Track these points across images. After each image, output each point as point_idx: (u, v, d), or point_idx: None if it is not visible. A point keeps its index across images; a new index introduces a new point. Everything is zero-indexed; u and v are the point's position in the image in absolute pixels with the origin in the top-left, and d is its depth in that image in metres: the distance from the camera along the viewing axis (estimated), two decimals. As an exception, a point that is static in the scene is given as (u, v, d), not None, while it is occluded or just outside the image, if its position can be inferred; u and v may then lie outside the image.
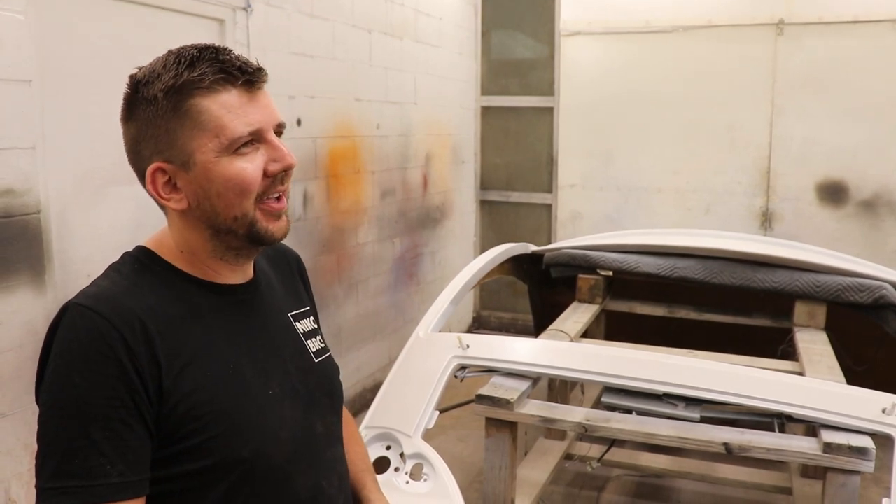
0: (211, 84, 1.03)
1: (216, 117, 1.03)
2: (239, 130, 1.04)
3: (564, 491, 3.63)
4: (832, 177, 5.25)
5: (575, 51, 5.80)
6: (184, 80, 1.03)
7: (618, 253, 3.86)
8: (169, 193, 1.08)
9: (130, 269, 1.10)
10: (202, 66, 1.03)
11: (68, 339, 0.99)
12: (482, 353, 2.74)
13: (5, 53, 2.27)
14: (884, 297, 3.36)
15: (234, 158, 1.05)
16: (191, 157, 1.05)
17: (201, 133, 1.04)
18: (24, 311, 2.35)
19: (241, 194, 1.06)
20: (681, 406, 2.53)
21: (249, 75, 1.05)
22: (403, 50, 4.84)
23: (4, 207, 2.28)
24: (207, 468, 1.03)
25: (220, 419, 1.04)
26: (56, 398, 0.98)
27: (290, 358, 1.20)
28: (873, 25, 5.02)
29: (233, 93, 1.05)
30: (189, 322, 1.07)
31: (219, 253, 1.11)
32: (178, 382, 1.02)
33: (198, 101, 1.03)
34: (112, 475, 0.96)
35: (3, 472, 2.33)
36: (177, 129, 1.04)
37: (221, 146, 1.04)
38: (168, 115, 1.04)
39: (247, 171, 1.05)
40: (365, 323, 4.60)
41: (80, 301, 1.02)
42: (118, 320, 0.99)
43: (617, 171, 5.79)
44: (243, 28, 3.31)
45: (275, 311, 1.22)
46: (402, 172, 4.94)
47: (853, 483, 2.25)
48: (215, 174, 1.05)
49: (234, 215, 1.07)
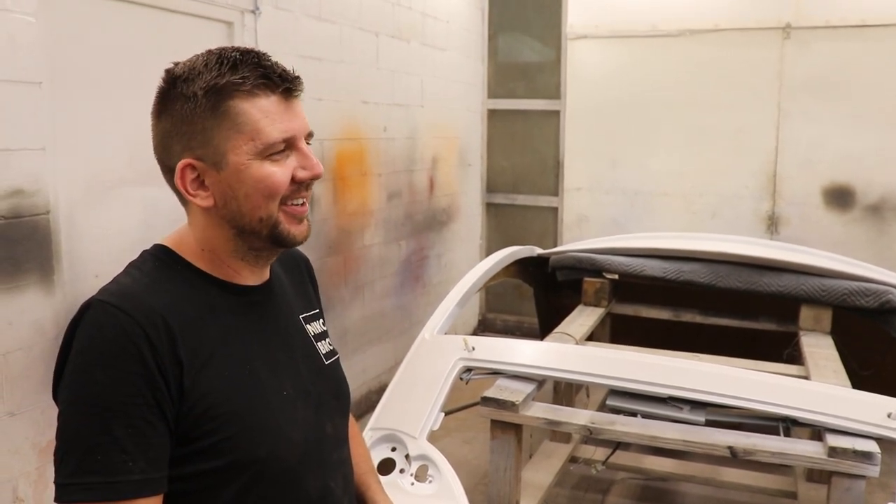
0: (252, 88, 1.05)
1: (254, 121, 1.05)
2: (274, 136, 1.06)
3: (569, 494, 3.64)
4: (839, 181, 5.24)
5: (581, 54, 5.81)
6: (226, 81, 1.05)
7: (623, 256, 3.86)
8: (196, 190, 1.09)
9: (151, 266, 1.11)
10: (244, 69, 1.05)
11: (91, 336, 1.00)
12: (488, 356, 2.74)
13: (16, 55, 2.28)
14: (890, 301, 3.35)
15: (266, 163, 1.07)
16: (224, 157, 1.07)
17: (237, 135, 1.06)
18: (32, 311, 2.37)
19: (269, 197, 1.08)
20: (686, 409, 2.54)
21: (289, 83, 1.08)
22: (410, 53, 4.85)
23: (14, 208, 2.29)
24: (221, 468, 1.04)
25: (236, 419, 1.05)
26: (78, 394, 0.98)
27: (301, 359, 1.21)
28: (881, 30, 5.02)
29: (272, 99, 1.06)
30: (207, 321, 1.08)
31: (240, 253, 1.13)
32: (197, 381, 1.03)
33: (237, 103, 1.05)
34: (134, 472, 0.96)
35: (11, 470, 2.34)
36: (213, 128, 1.06)
37: (256, 150, 1.06)
38: (206, 113, 1.06)
39: (276, 176, 1.07)
40: (371, 325, 4.61)
41: (104, 298, 1.03)
42: (142, 317, 1.00)
43: (623, 175, 5.79)
44: (251, 30, 3.33)
45: (287, 313, 1.23)
46: (409, 175, 4.95)
47: (858, 487, 2.25)
48: (246, 176, 1.07)
49: (260, 216, 1.08)
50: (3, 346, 2.29)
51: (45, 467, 2.44)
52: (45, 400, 2.41)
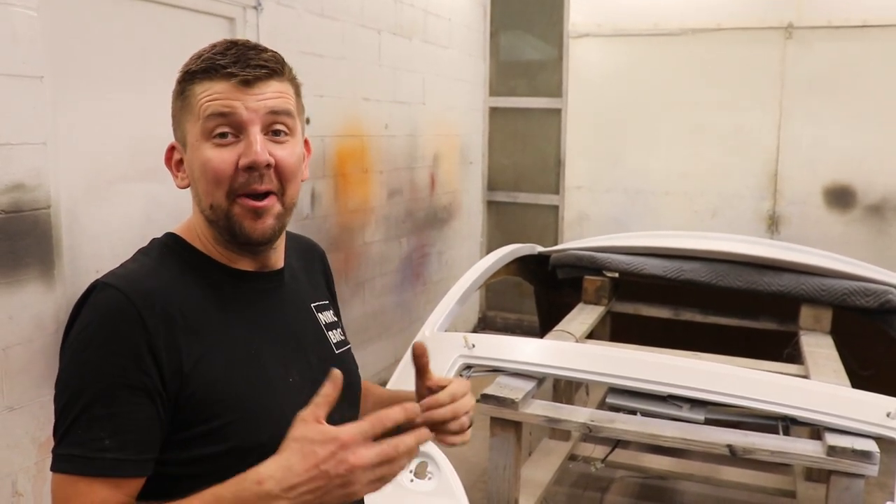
0: (211, 73, 1.07)
1: (199, 101, 1.07)
2: (208, 112, 1.06)
3: (568, 491, 3.64)
4: (840, 181, 5.24)
5: (583, 53, 5.80)
6: (189, 69, 1.09)
7: (624, 255, 3.86)
8: (178, 170, 1.14)
9: (158, 252, 1.12)
10: (214, 56, 1.07)
11: (90, 316, 1.02)
12: (488, 353, 2.75)
13: (18, 50, 2.28)
14: (890, 301, 3.35)
15: (209, 146, 1.07)
16: (185, 138, 1.10)
17: (190, 115, 1.08)
18: (33, 305, 2.37)
19: (212, 183, 1.07)
20: (685, 407, 2.54)
21: (239, 73, 1.06)
22: (412, 50, 4.85)
23: (15, 202, 2.30)
24: (223, 453, 1.04)
25: (238, 405, 1.05)
26: (70, 371, 1.01)
27: (311, 348, 1.21)
28: (882, 30, 5.01)
29: (228, 83, 1.07)
30: (211, 307, 1.09)
31: (221, 240, 1.12)
32: (198, 366, 1.03)
33: (193, 86, 1.08)
34: (108, 450, 0.97)
35: (11, 465, 2.34)
36: (180, 109, 1.11)
37: (200, 130, 1.07)
38: (177, 97, 1.11)
39: (214, 161, 1.06)
40: (371, 322, 4.61)
41: (107, 280, 1.05)
42: (139, 300, 1.01)
43: (624, 174, 5.79)
44: (253, 27, 3.32)
45: (298, 302, 1.24)
46: (410, 172, 4.95)
47: (857, 486, 2.25)
48: (194, 158, 1.09)
49: (210, 203, 1.09)
50: (4, 341, 2.29)
51: (45, 462, 2.44)
52: (44, 395, 2.41)
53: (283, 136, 1.10)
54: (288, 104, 1.10)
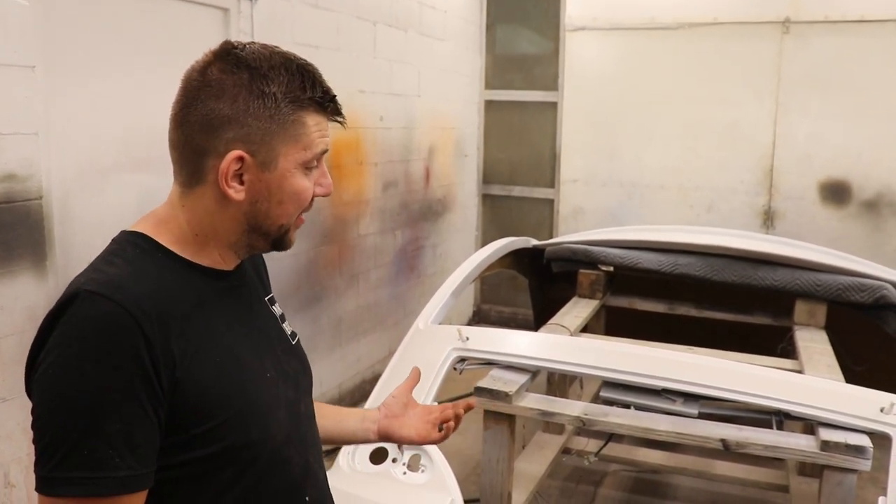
0: (319, 105, 1.10)
1: (310, 133, 1.10)
2: (321, 148, 1.12)
3: (561, 485, 3.64)
4: (835, 176, 5.25)
5: (580, 46, 5.79)
6: (307, 96, 1.09)
7: (619, 249, 3.86)
8: (232, 182, 1.07)
9: (132, 254, 1.08)
10: (318, 88, 1.10)
11: (81, 328, 0.96)
12: (481, 346, 2.74)
13: (9, 39, 2.27)
14: (884, 297, 3.36)
15: (305, 175, 1.12)
16: (275, 161, 1.08)
17: (294, 143, 1.09)
18: (25, 296, 2.36)
19: (298, 208, 1.14)
20: (679, 402, 2.54)
21: (339, 113, 1.14)
22: (408, 42, 4.83)
23: (6, 193, 2.28)
24: (216, 454, 1.03)
25: (228, 405, 1.05)
26: (65, 387, 0.95)
27: (276, 341, 1.23)
28: (879, 25, 5.01)
29: (326, 118, 1.13)
30: (194, 309, 1.07)
31: (237, 245, 1.14)
32: (190, 371, 1.02)
33: (305, 115, 1.09)
34: (121, 468, 0.94)
35: (3, 456, 2.34)
36: (277, 132, 1.07)
37: (303, 160, 1.10)
38: (277, 116, 1.07)
39: (309, 191, 1.14)
40: (365, 315, 4.60)
41: (92, 288, 0.99)
42: (135, 308, 0.98)
43: (620, 168, 5.78)
44: (247, 17, 3.30)
45: (257, 297, 1.25)
46: (405, 165, 4.94)
47: (850, 481, 2.26)
48: (287, 184, 1.10)
49: (282, 223, 1.13)
50: (-5, 332, 2.28)
51: (37, 453, 2.44)
52: (36, 386, 2.40)
53: None
54: None
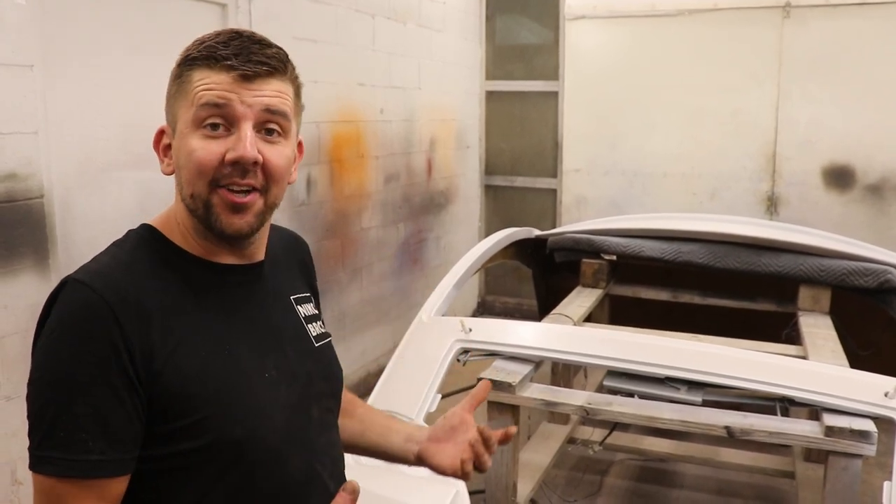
0: (212, 62, 1.05)
1: (195, 88, 1.05)
2: (203, 101, 1.04)
3: (567, 475, 3.65)
4: (838, 161, 5.22)
5: (580, 35, 5.77)
6: (189, 54, 1.07)
7: (622, 237, 3.85)
8: (165, 155, 1.12)
9: (131, 245, 1.10)
10: (216, 45, 1.05)
11: (61, 313, 1.00)
12: (485, 337, 2.74)
13: (7, 38, 2.26)
14: (889, 281, 3.34)
15: (199, 135, 1.05)
16: (176, 124, 1.08)
17: (184, 100, 1.06)
18: (27, 294, 2.36)
19: (195, 172, 1.05)
20: (683, 389, 2.54)
21: (240, 67, 1.04)
22: (407, 34, 4.82)
23: (8, 192, 2.29)
24: (200, 448, 1.03)
25: (213, 400, 1.03)
26: (45, 370, 0.99)
27: (289, 341, 1.19)
28: (881, 7, 4.98)
29: (222, 73, 1.05)
30: (187, 300, 1.07)
31: (199, 232, 1.10)
32: (171, 361, 1.01)
33: (192, 72, 1.06)
34: (93, 451, 0.96)
35: (10, 453, 2.34)
36: (175, 94, 1.08)
37: (192, 117, 1.05)
38: (174, 80, 1.09)
39: (200, 151, 1.04)
40: (369, 308, 4.61)
41: (77, 276, 1.03)
42: (112, 296, 1.00)
43: (622, 156, 5.77)
44: (245, 12, 3.30)
45: (277, 295, 1.22)
46: (406, 157, 4.94)
47: (855, 466, 2.25)
48: (182, 145, 1.06)
49: (191, 192, 1.06)
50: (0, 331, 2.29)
51: (43, 451, 2.45)
52: (41, 384, 2.41)
53: (276, 136, 1.08)
54: (285, 105, 1.08)
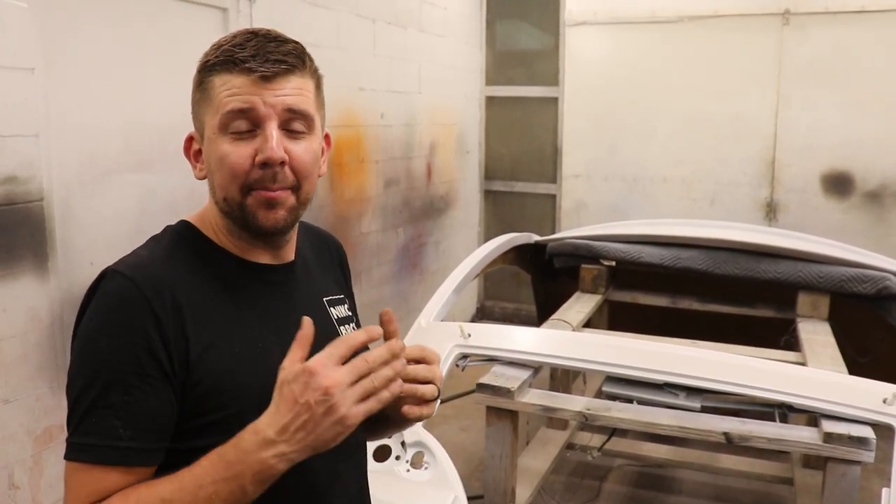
0: (230, 66, 1.06)
1: (219, 94, 1.07)
2: (228, 108, 1.05)
3: (566, 480, 3.64)
4: (837, 168, 5.23)
5: (580, 41, 5.78)
6: (208, 60, 1.08)
7: (621, 243, 3.86)
8: (196, 161, 1.14)
9: (169, 240, 1.13)
10: (233, 48, 1.06)
11: (100, 304, 1.03)
12: (484, 342, 2.74)
13: (9, 41, 2.27)
14: (887, 287, 3.35)
15: (227, 141, 1.06)
16: (203, 130, 1.10)
17: (209, 108, 1.08)
18: (27, 298, 2.36)
19: (227, 177, 1.07)
20: (682, 395, 2.54)
21: (257, 68, 1.05)
22: (408, 39, 4.83)
23: (7, 195, 2.28)
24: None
25: (244, 396, 1.05)
26: (83, 358, 1.02)
27: (319, 342, 1.20)
28: (880, 15, 4.99)
29: (247, 78, 1.06)
30: (221, 297, 1.09)
31: (234, 231, 1.13)
32: (205, 356, 1.03)
33: (213, 77, 1.08)
34: (123, 439, 0.98)
35: (7, 457, 2.34)
36: (199, 102, 1.10)
37: (218, 123, 1.07)
38: (196, 87, 1.11)
39: (231, 156, 1.06)
40: (368, 312, 4.55)
41: (117, 268, 1.05)
42: (149, 288, 1.02)
43: (622, 162, 5.78)
44: (246, 17, 3.30)
45: (309, 295, 1.23)
46: (407, 162, 4.94)
47: (853, 473, 2.25)
48: (212, 150, 1.08)
49: (224, 196, 1.09)
50: (-2, 333, 2.28)
51: (41, 454, 2.44)
52: (40, 387, 2.41)
53: (301, 132, 1.10)
54: (306, 102, 1.10)
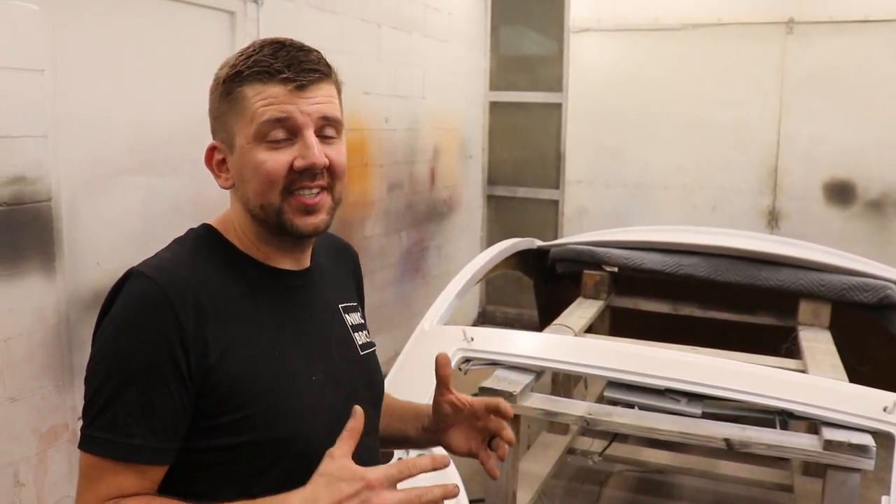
0: (260, 76, 1.08)
1: (253, 105, 1.08)
2: (265, 117, 1.08)
3: (566, 485, 3.65)
4: (839, 176, 5.25)
5: (584, 47, 5.80)
6: (237, 70, 1.09)
7: (623, 249, 3.87)
8: (220, 171, 1.15)
9: (192, 243, 1.15)
10: (262, 58, 1.08)
11: (123, 303, 1.05)
12: (486, 346, 2.75)
13: (19, 43, 2.29)
14: (888, 296, 3.36)
15: (263, 149, 1.09)
16: (233, 141, 1.11)
17: (240, 118, 1.09)
18: (34, 297, 2.37)
19: (265, 184, 1.09)
20: (683, 401, 2.55)
21: (296, 78, 1.08)
22: (412, 44, 4.85)
23: (16, 195, 2.30)
24: (244, 444, 1.06)
25: (260, 399, 1.06)
26: (102, 355, 1.04)
27: (336, 347, 1.22)
28: (883, 25, 5.01)
29: (279, 87, 1.08)
30: (241, 301, 1.11)
31: (263, 237, 1.15)
32: (224, 359, 1.05)
33: (244, 87, 1.09)
34: (135, 436, 1.00)
35: (12, 455, 2.35)
36: (227, 112, 1.11)
37: (253, 133, 1.08)
38: (222, 98, 1.11)
39: (269, 164, 1.08)
40: (371, 316, 4.55)
41: (142, 269, 1.07)
42: (172, 290, 1.04)
43: (624, 168, 5.79)
44: (254, 20, 3.32)
45: (326, 301, 1.25)
46: (410, 166, 4.96)
47: (853, 481, 2.27)
48: (246, 160, 1.10)
49: (261, 203, 1.10)
50: (5, 332, 2.30)
51: (46, 452, 2.46)
52: (45, 386, 2.42)
53: (332, 138, 1.13)
54: (336, 109, 1.14)
